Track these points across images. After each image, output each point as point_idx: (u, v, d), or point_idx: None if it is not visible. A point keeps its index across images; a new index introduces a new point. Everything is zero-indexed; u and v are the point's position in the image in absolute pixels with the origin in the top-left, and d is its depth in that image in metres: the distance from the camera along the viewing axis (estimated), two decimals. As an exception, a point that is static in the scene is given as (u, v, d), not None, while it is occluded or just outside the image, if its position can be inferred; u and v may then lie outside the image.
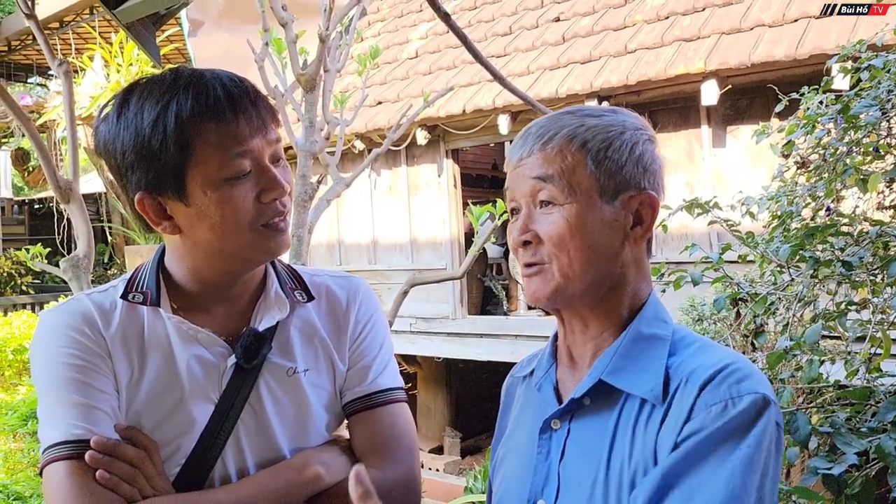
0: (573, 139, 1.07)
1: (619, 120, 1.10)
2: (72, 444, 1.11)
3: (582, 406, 1.08)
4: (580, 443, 1.07)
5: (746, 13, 6.58)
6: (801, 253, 2.07)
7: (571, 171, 1.06)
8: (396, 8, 11.59)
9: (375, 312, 1.39)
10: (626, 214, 1.08)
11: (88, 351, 1.17)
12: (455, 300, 8.83)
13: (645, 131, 1.11)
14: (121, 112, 1.15)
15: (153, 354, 1.21)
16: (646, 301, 1.12)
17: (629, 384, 1.04)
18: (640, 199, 1.08)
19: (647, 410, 1.02)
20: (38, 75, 15.52)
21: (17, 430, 5.48)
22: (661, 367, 1.04)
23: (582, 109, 1.12)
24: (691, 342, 1.08)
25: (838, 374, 2.03)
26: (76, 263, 2.77)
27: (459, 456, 9.38)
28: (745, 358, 1.04)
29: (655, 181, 1.10)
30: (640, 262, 1.11)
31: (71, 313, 1.20)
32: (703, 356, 1.03)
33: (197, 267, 1.23)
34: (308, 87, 3.38)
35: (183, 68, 1.18)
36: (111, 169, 1.19)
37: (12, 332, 7.17)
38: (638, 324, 1.09)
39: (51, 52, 2.85)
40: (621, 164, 1.07)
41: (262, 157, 1.17)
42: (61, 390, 1.14)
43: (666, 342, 1.07)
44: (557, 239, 1.06)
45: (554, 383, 1.16)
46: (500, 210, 3.29)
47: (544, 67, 7.69)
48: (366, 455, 1.28)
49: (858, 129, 2.25)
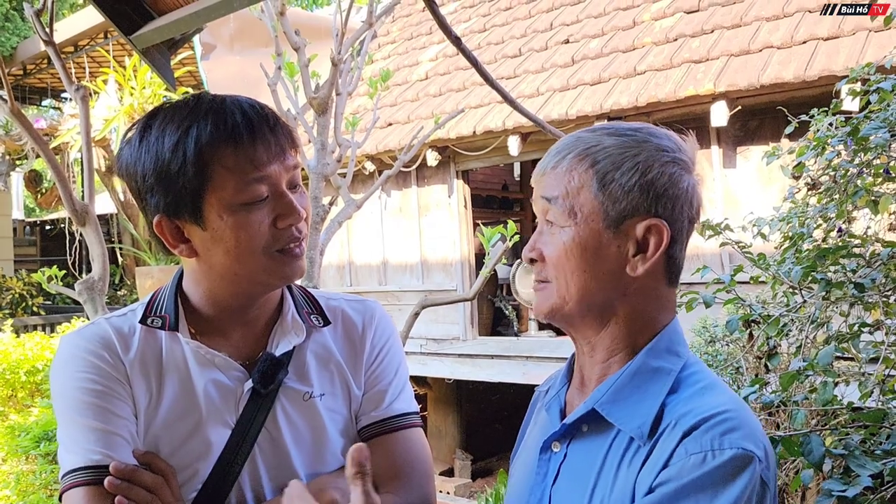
0: (584, 159, 1.04)
1: (639, 139, 1.05)
2: (90, 470, 1.12)
3: (580, 431, 1.07)
4: (572, 469, 1.06)
5: (755, 35, 6.61)
6: (813, 274, 2.07)
7: (576, 193, 1.04)
8: (406, 31, 11.69)
9: (391, 337, 1.40)
10: (627, 242, 1.04)
11: (107, 376, 1.18)
12: (465, 321, 8.82)
13: (670, 153, 1.05)
14: (143, 136, 1.17)
15: (171, 379, 1.22)
16: (661, 330, 1.07)
17: (619, 418, 1.02)
18: (645, 225, 1.03)
19: (634, 448, 1.00)
20: (52, 98, 15.70)
21: (30, 451, 5.47)
22: (655, 405, 1.01)
23: (610, 127, 1.08)
24: (696, 381, 1.04)
25: (853, 396, 2.02)
26: (91, 286, 2.80)
27: (470, 479, 9.31)
28: (743, 406, 1.00)
29: (673, 207, 1.04)
30: (649, 289, 1.06)
31: (90, 338, 1.21)
32: (700, 399, 0.99)
33: (213, 290, 1.24)
34: (320, 111, 3.42)
35: (205, 94, 1.20)
36: (132, 191, 1.20)
37: (25, 354, 7.17)
38: (646, 354, 1.05)
39: (68, 76, 2.90)
40: (628, 189, 1.02)
41: (280, 183, 1.18)
42: (80, 415, 1.15)
43: (670, 377, 1.03)
44: (555, 260, 1.05)
45: (562, 404, 1.15)
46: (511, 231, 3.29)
47: (554, 89, 7.73)
48: (381, 480, 1.28)
49: (868, 150, 2.25)
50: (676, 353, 1.07)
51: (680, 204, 1.04)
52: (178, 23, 2.79)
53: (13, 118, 2.95)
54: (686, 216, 1.06)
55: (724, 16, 7.16)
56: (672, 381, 1.03)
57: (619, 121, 7.08)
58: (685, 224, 1.06)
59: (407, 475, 1.29)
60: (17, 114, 2.94)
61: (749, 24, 6.88)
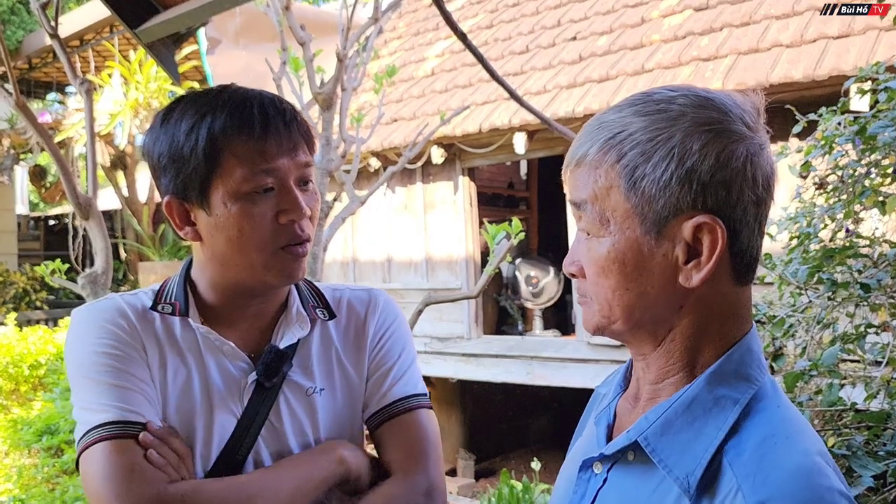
0: (608, 151, 0.86)
1: (673, 115, 0.85)
2: (114, 425, 1.13)
3: (625, 457, 0.92)
4: (610, 500, 0.93)
5: (764, 33, 6.58)
6: (820, 275, 2.06)
7: (605, 195, 0.86)
8: (413, 26, 11.67)
9: (396, 320, 1.40)
10: (674, 247, 0.85)
11: (125, 343, 1.20)
12: (470, 320, 8.81)
13: (714, 125, 0.84)
14: (165, 119, 1.21)
15: (183, 360, 1.23)
16: (732, 346, 0.89)
17: (664, 458, 0.85)
18: (693, 225, 0.84)
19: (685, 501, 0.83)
20: (57, 92, 15.74)
21: (32, 445, 5.50)
22: (709, 449, 0.83)
23: (640, 100, 0.89)
24: (768, 421, 0.84)
25: (859, 398, 2.00)
26: (94, 279, 2.80)
27: (473, 479, 9.30)
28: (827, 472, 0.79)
29: (728, 193, 0.83)
30: (712, 298, 0.87)
31: (107, 309, 1.23)
32: (774, 458, 0.79)
33: (216, 278, 1.25)
34: (325, 106, 3.41)
35: (231, 86, 1.23)
36: (150, 171, 1.24)
37: (28, 348, 7.20)
38: (709, 378, 0.87)
39: (73, 71, 2.89)
40: (664, 183, 0.83)
41: (287, 178, 1.19)
42: (101, 375, 1.16)
43: (734, 411, 0.84)
44: (593, 276, 0.90)
45: (610, 419, 1.00)
46: (516, 229, 3.29)
47: (561, 86, 7.70)
48: (389, 464, 1.29)
49: (876, 150, 2.23)
50: (747, 377, 0.87)
51: (737, 186, 0.84)
52: (183, 17, 2.78)
53: (18, 111, 2.94)
54: (749, 198, 0.85)
55: (733, 14, 7.13)
56: (736, 416, 0.84)
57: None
58: (749, 208, 0.85)
59: (413, 458, 1.29)
60: (23, 107, 2.94)
61: (758, 22, 6.85)
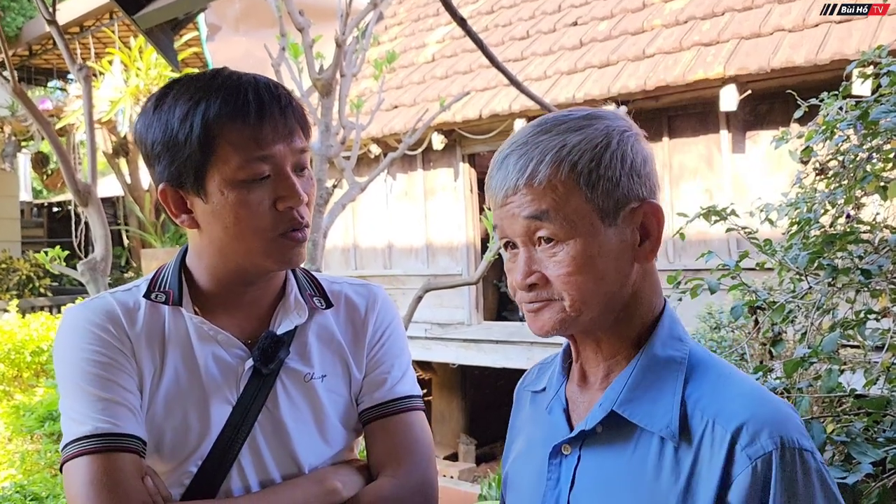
0: (560, 165, 0.97)
1: (601, 128, 0.99)
2: (96, 438, 1.12)
3: (594, 434, 1.02)
4: (592, 475, 1.02)
5: (766, 18, 6.55)
6: (820, 261, 2.05)
7: (566, 202, 0.97)
8: (413, 12, 11.63)
9: (394, 321, 1.40)
10: (632, 231, 1.00)
11: (113, 349, 1.18)
12: (470, 306, 8.82)
13: (630, 131, 1.02)
14: (158, 105, 1.18)
15: (174, 354, 1.22)
16: (660, 315, 1.05)
17: (643, 418, 0.98)
18: (642, 210, 1.00)
19: (670, 450, 0.96)
20: (57, 79, 15.70)
21: (35, 431, 5.52)
22: (675, 400, 0.98)
23: (558, 122, 1.01)
24: (709, 368, 1.01)
25: (858, 384, 2.00)
26: (93, 266, 2.80)
27: (474, 463, 9.35)
28: (765, 393, 0.99)
29: (651, 185, 1.02)
30: (650, 274, 1.04)
31: (96, 311, 1.21)
32: (726, 391, 0.97)
33: (213, 265, 1.24)
34: (324, 92, 3.40)
35: (224, 70, 1.21)
36: (143, 158, 1.22)
37: (30, 334, 7.22)
38: (653, 345, 1.02)
39: (71, 57, 2.88)
40: (616, 180, 0.98)
41: (283, 164, 1.17)
42: (86, 384, 1.16)
43: (681, 367, 1.00)
44: (566, 278, 0.98)
45: (564, 405, 1.10)
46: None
47: (561, 72, 7.68)
48: (382, 463, 1.29)
49: (878, 135, 2.22)
50: (680, 338, 1.03)
51: (655, 174, 1.03)
52: (181, 3, 2.77)
53: (16, 98, 2.94)
54: (658, 188, 1.04)
55: (734, -1, 7.10)
56: (685, 370, 1.00)
57: (623, 105, 7.04)
58: (658, 192, 1.04)
59: (407, 458, 1.29)
60: (20, 94, 2.93)
61: (760, 6, 6.82)
